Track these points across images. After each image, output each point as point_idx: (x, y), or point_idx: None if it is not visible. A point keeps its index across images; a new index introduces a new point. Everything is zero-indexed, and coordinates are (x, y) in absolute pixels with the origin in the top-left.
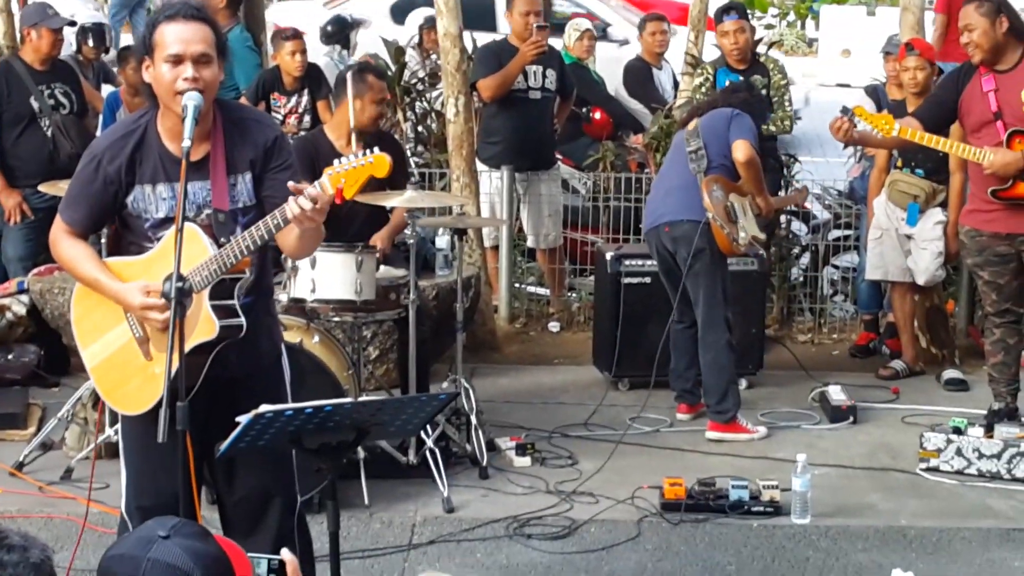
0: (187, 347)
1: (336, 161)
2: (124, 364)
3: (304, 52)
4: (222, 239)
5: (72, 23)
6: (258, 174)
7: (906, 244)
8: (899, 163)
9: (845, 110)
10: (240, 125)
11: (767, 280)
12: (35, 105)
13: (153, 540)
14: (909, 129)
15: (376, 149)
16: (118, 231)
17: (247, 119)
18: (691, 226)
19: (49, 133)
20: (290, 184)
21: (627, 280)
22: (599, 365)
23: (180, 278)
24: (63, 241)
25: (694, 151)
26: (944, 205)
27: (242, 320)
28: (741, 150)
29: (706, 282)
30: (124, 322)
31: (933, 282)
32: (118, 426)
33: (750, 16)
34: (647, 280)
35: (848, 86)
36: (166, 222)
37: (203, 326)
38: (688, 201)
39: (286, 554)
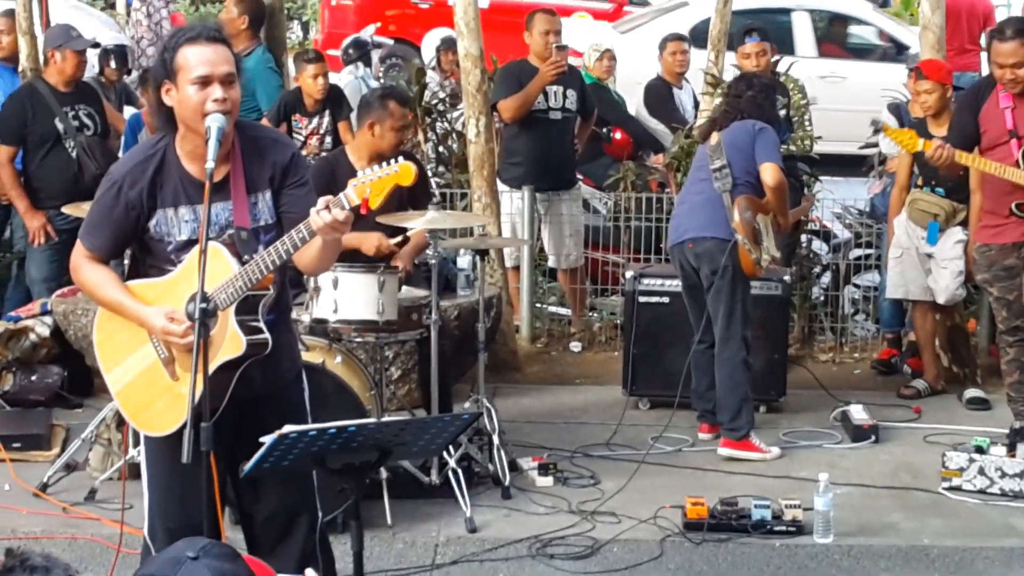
0: (214, 365)
1: (360, 172)
2: (149, 385)
3: (326, 75)
4: (245, 257)
5: (96, 44)
6: (276, 190)
7: (926, 263)
8: (919, 182)
9: (875, 123)
10: (257, 144)
11: (790, 305)
12: (60, 127)
13: (182, 561)
14: (935, 143)
15: (400, 158)
16: (137, 255)
17: (264, 138)
18: (715, 243)
19: (74, 155)
20: (322, 199)
21: (643, 299)
22: (626, 384)
23: (204, 299)
24: (85, 266)
25: (718, 169)
26: (965, 224)
27: (267, 336)
28: (770, 174)
29: (726, 300)
30: (149, 343)
31: (953, 301)
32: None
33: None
34: (665, 300)
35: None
36: (189, 244)
37: (230, 343)
38: (712, 218)
39: (311, 574)
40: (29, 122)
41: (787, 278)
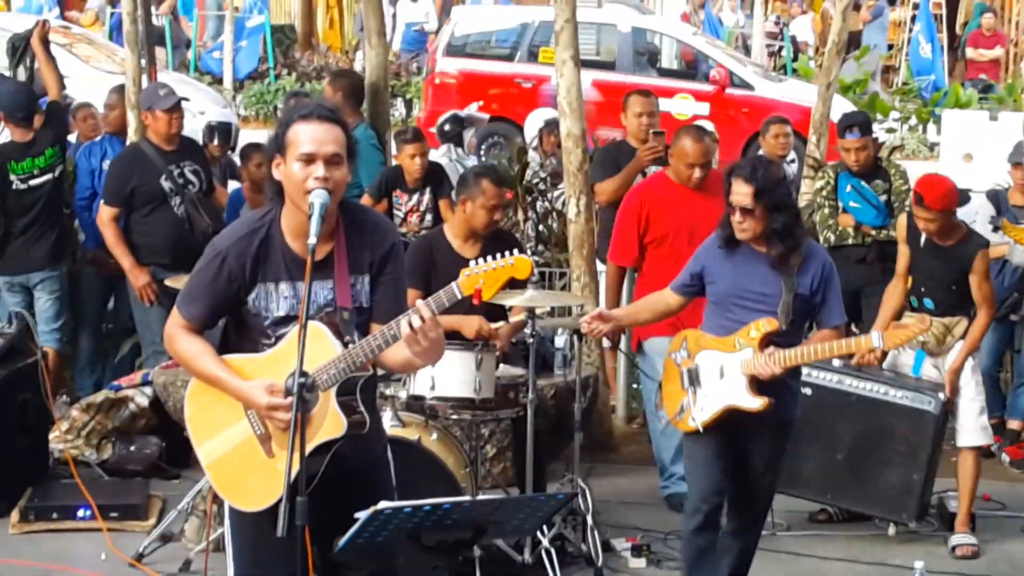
0: (313, 444)
1: (473, 262)
2: (243, 460)
3: (424, 155)
4: (347, 338)
5: (185, 99)
6: (374, 277)
7: None
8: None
9: (994, 220)
10: (361, 227)
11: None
12: (165, 186)
13: None
14: None
15: (516, 251)
16: (231, 327)
17: (367, 221)
18: None
19: (180, 212)
20: (418, 303)
21: None
22: None
23: (303, 374)
24: (181, 336)
25: None
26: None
27: (366, 417)
28: None
29: None
30: (244, 419)
31: (981, 441)
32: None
33: (872, 121)
34: None
35: (970, 191)
36: (285, 320)
37: (330, 424)
38: None
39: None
40: (135, 183)
41: (942, 395)
